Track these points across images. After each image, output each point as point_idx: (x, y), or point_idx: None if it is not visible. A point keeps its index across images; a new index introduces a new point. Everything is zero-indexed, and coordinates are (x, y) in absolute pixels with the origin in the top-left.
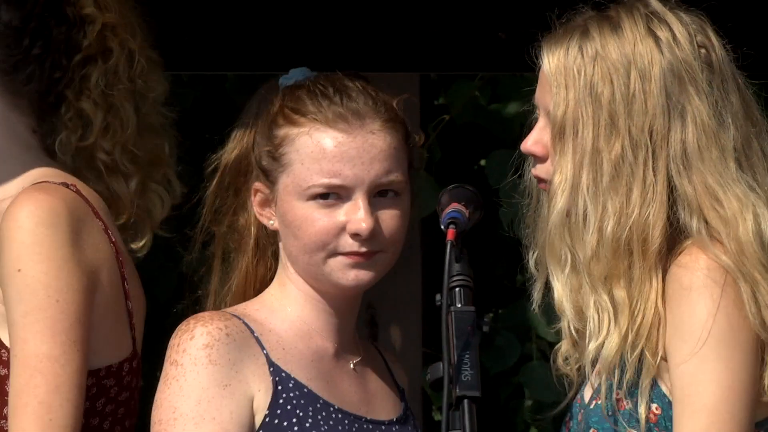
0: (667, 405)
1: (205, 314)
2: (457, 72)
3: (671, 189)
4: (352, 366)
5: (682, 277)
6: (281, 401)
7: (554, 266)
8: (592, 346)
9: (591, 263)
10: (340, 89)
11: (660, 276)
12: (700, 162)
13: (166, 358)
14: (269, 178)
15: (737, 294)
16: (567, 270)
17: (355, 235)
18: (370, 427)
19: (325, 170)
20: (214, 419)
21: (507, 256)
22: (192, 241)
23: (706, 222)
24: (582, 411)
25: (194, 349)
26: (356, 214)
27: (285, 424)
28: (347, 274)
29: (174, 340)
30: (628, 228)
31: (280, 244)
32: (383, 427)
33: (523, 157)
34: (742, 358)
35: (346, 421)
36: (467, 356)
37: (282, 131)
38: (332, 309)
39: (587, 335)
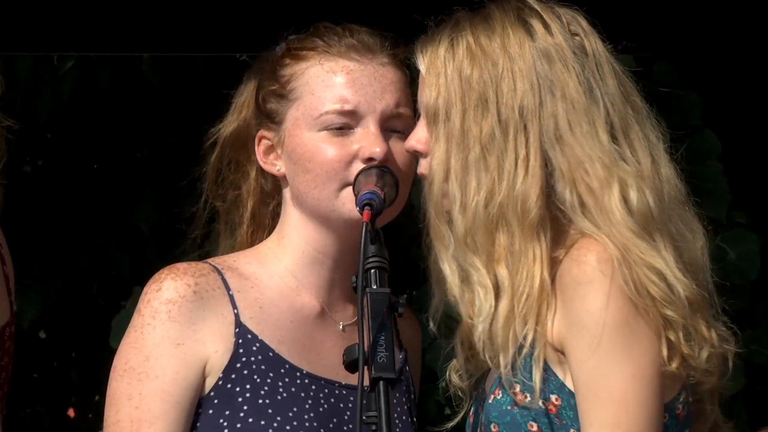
0: (566, 395)
1: (182, 266)
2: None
3: (546, 162)
4: (341, 327)
5: (573, 270)
6: (238, 365)
7: (440, 250)
8: (480, 326)
9: (467, 241)
10: (347, 27)
11: (543, 248)
12: (570, 135)
13: (138, 303)
14: (275, 120)
15: (625, 278)
16: (451, 252)
17: (368, 160)
18: (344, 392)
19: (336, 96)
20: (158, 377)
21: (421, 238)
22: (196, 218)
23: (579, 194)
24: (482, 406)
25: (157, 302)
26: (369, 139)
27: (238, 389)
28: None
29: (145, 288)
30: (499, 203)
31: (285, 192)
32: None
33: None
34: (642, 345)
35: (314, 387)
36: (382, 338)
37: (289, 69)
38: (330, 261)
39: (475, 315)
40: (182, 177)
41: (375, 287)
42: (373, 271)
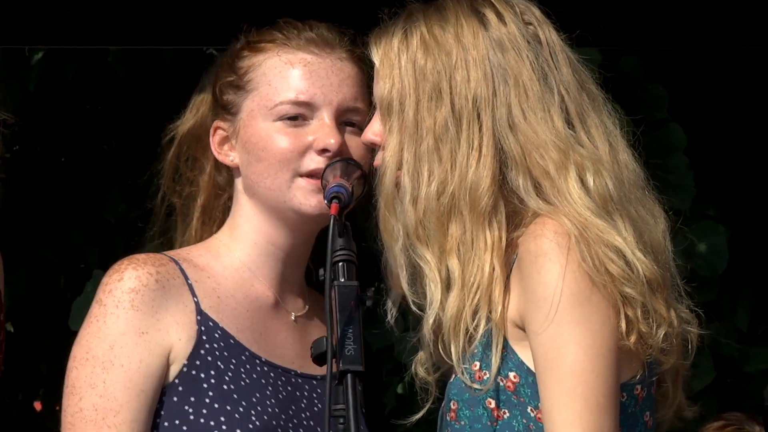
0: (525, 372)
1: (141, 256)
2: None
3: (499, 150)
4: (293, 318)
5: (530, 244)
6: (202, 352)
7: (389, 242)
8: (430, 318)
9: (418, 233)
10: (307, 22)
11: (495, 236)
12: (524, 122)
13: (96, 294)
14: (231, 111)
15: (583, 255)
16: (400, 244)
17: (322, 151)
18: (300, 381)
19: (293, 87)
20: (122, 366)
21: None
22: (154, 214)
23: (534, 178)
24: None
25: (119, 291)
26: (324, 131)
27: (202, 375)
28: (310, 199)
29: (105, 279)
30: (451, 193)
31: (237, 184)
32: (314, 382)
33: None
34: (599, 317)
35: (272, 375)
36: (350, 330)
37: (247, 61)
38: (282, 253)
39: (427, 304)
40: (150, 169)
41: (343, 280)
42: (341, 264)
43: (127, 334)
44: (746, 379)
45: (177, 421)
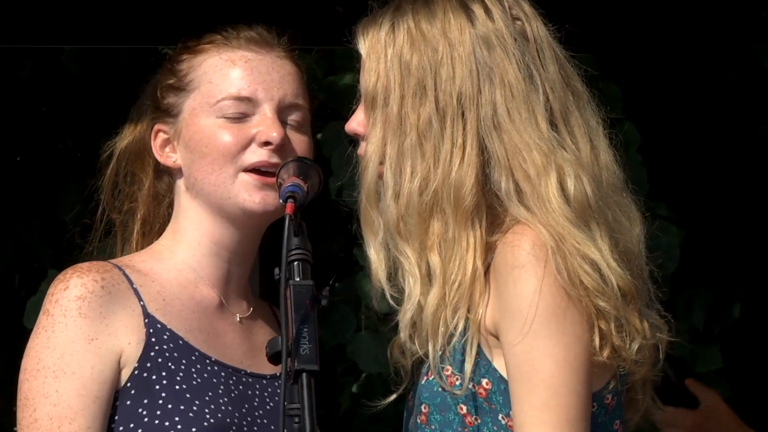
0: (497, 380)
1: (84, 265)
2: (297, 47)
3: (482, 149)
4: (238, 319)
5: (506, 255)
6: (152, 354)
7: (368, 235)
8: (407, 314)
9: (399, 228)
10: (245, 24)
11: (478, 236)
12: (509, 123)
13: (42, 305)
14: (172, 113)
15: (559, 267)
16: (379, 238)
17: (265, 144)
18: (250, 380)
19: (234, 84)
20: (74, 374)
21: (344, 230)
22: (93, 230)
23: (516, 181)
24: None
25: (66, 300)
26: (266, 124)
27: (154, 377)
28: (254, 195)
29: (50, 289)
30: (434, 190)
31: (179, 186)
32: (264, 381)
33: None
34: (574, 331)
35: (223, 374)
36: (306, 330)
37: (187, 63)
38: (227, 253)
39: (404, 301)
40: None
41: (298, 279)
42: (296, 263)
43: (76, 341)
44: (698, 378)
45: (132, 425)
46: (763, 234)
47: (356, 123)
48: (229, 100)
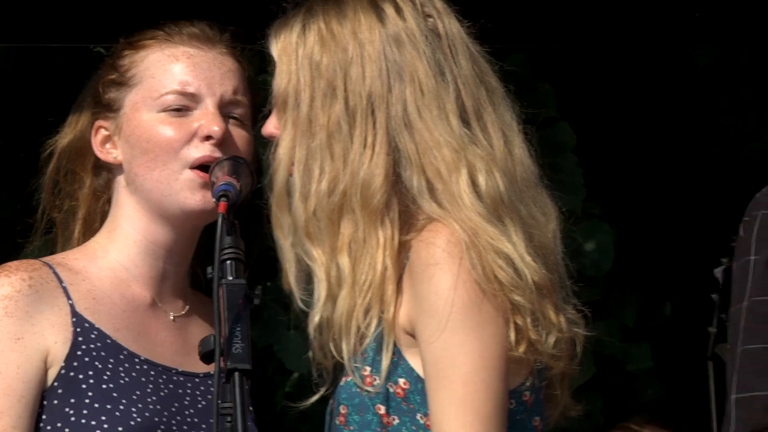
0: (414, 379)
1: (13, 264)
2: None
3: (393, 148)
4: (172, 317)
5: (421, 252)
6: (79, 353)
7: (279, 238)
8: (316, 316)
9: (308, 230)
10: (186, 20)
11: (388, 235)
12: (419, 120)
13: None
14: (113, 108)
15: (473, 263)
16: (290, 240)
17: (206, 138)
18: (182, 379)
19: (177, 79)
20: (0, 374)
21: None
22: (34, 228)
23: (428, 179)
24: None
25: None
26: (208, 118)
27: (81, 376)
28: (195, 194)
29: None
30: (343, 191)
31: (118, 183)
32: (197, 380)
33: None
34: (490, 327)
35: (152, 373)
36: (238, 329)
37: (129, 59)
38: (163, 251)
39: (313, 304)
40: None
41: (231, 278)
42: (229, 262)
43: (2, 341)
44: (629, 377)
45: (59, 424)
46: (694, 232)
47: (272, 126)
48: (171, 95)
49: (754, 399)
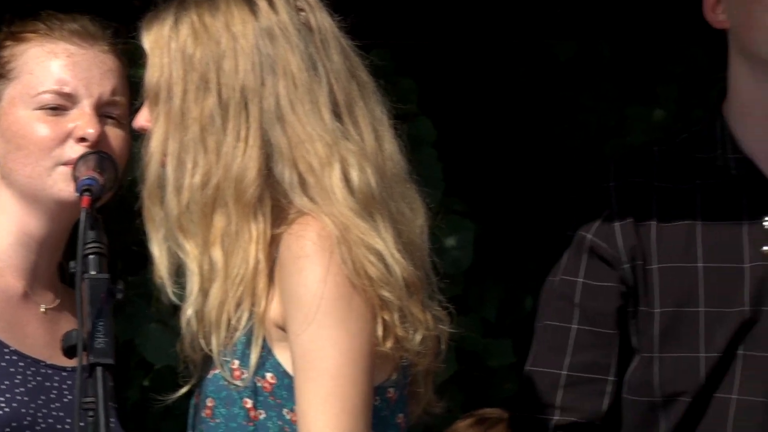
0: (282, 374)
1: None
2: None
3: (266, 142)
4: (43, 309)
5: (292, 245)
6: None
7: (151, 231)
8: (189, 309)
9: (181, 224)
10: (70, 15)
11: (261, 228)
12: (292, 114)
13: None
14: None
15: (344, 257)
16: (162, 234)
17: (81, 140)
18: (50, 372)
19: (55, 78)
20: None
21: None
22: None
23: (299, 173)
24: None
25: None
26: (84, 120)
27: None
28: (69, 185)
29: None
30: (216, 184)
31: None
32: (64, 374)
33: None
34: (358, 321)
35: (21, 364)
36: (101, 324)
37: (9, 50)
38: (36, 244)
39: (186, 296)
40: None
41: (94, 273)
42: (92, 256)
43: None
44: (490, 372)
45: None
46: (553, 227)
47: (143, 119)
48: (48, 94)
49: (544, 374)
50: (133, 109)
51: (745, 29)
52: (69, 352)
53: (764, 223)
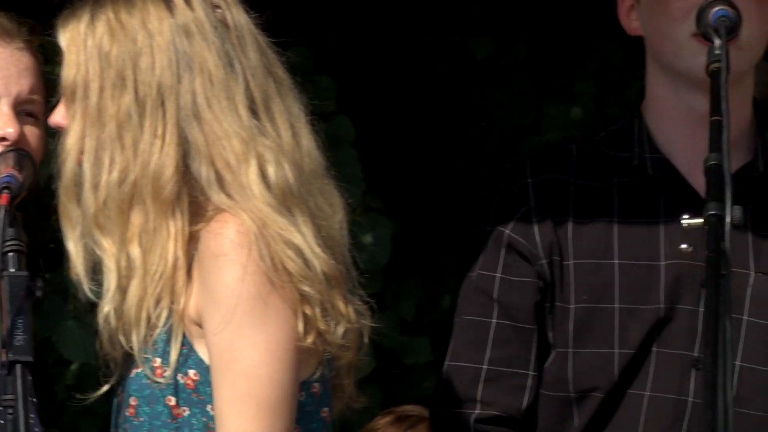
0: (204, 371)
1: None
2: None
3: (183, 139)
4: None
5: (210, 243)
6: None
7: (67, 228)
8: (106, 307)
9: (98, 221)
10: None
11: (179, 225)
12: (209, 111)
13: None
14: None
15: (262, 254)
16: (78, 231)
17: (1, 139)
18: None
19: None
20: None
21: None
22: None
23: (217, 170)
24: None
25: None
26: (3, 120)
27: None
28: None
29: None
30: (133, 181)
31: None
32: None
33: None
34: (277, 318)
35: None
36: (20, 321)
37: None
38: None
39: (103, 293)
40: None
41: (13, 270)
42: (11, 254)
43: None
44: (408, 370)
45: None
46: (471, 225)
47: (59, 116)
48: None
49: (465, 369)
50: (49, 107)
51: (656, 39)
52: None
53: (682, 222)
